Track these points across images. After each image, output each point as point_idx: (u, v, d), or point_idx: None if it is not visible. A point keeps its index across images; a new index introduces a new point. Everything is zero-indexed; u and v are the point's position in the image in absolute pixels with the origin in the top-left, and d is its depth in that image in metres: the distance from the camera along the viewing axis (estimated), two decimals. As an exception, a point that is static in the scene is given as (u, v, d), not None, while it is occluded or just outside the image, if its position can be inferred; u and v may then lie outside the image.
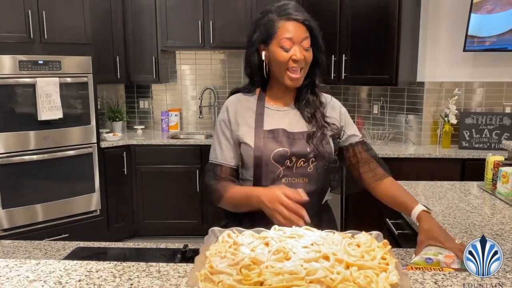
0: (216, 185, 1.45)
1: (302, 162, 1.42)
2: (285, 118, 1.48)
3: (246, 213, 1.47)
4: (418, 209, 1.36)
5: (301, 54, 1.38)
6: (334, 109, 1.55)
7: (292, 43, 1.38)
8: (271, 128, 1.44)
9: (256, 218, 1.45)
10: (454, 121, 3.62)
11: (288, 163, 1.41)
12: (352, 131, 1.56)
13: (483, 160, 2.37)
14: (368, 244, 0.97)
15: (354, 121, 1.69)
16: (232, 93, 1.57)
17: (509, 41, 3.46)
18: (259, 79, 1.49)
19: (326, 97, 1.56)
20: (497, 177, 2.16)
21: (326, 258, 0.91)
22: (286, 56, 1.39)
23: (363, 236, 1.02)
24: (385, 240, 0.99)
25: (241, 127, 1.46)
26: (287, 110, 1.50)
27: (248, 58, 1.48)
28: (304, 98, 1.49)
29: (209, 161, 1.51)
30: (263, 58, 1.44)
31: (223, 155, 1.48)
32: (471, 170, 3.32)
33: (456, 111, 3.63)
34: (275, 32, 1.40)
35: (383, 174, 1.56)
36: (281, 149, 1.40)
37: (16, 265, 1.13)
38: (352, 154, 1.54)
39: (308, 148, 1.42)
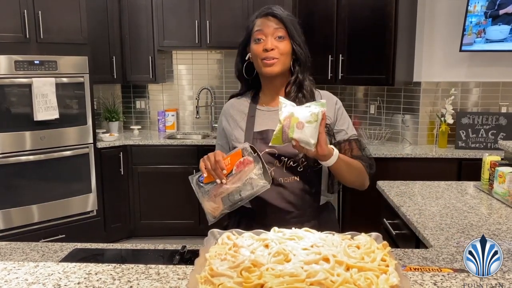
0: None
1: (291, 162, 1.43)
2: (275, 118, 1.44)
3: (244, 213, 1.47)
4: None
5: (272, 44, 1.41)
6: (328, 105, 1.48)
7: (263, 35, 1.42)
8: (261, 129, 1.46)
9: (253, 218, 1.45)
10: (450, 121, 3.63)
11: (278, 163, 1.43)
12: (343, 127, 1.50)
13: (480, 160, 2.38)
14: (368, 245, 0.97)
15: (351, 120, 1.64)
16: (229, 99, 1.61)
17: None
18: (247, 81, 1.54)
19: (322, 94, 1.53)
20: (493, 177, 2.17)
21: (326, 260, 0.91)
22: (259, 47, 1.42)
23: (362, 238, 1.02)
24: (385, 242, 0.99)
25: (234, 131, 1.50)
26: (277, 109, 1.47)
27: (236, 62, 1.55)
28: (291, 96, 1.46)
29: None
30: (246, 58, 1.50)
31: None
32: (467, 170, 3.33)
33: (453, 111, 3.65)
34: (251, 29, 1.46)
35: None
36: (268, 149, 1.41)
37: (14, 267, 1.12)
38: (345, 150, 1.46)
39: None
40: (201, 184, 1.29)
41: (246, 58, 1.50)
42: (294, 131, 1.22)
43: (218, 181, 1.25)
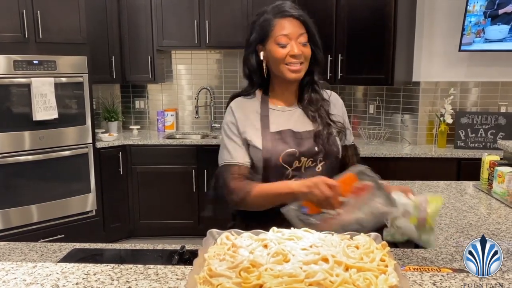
0: (239, 184, 1.40)
1: (310, 162, 1.42)
2: (290, 118, 1.48)
3: (254, 215, 1.45)
4: None
5: (299, 49, 1.40)
6: (336, 105, 1.56)
7: (288, 39, 1.40)
8: (278, 129, 1.44)
9: (266, 222, 1.41)
10: (449, 120, 3.63)
11: (297, 164, 1.41)
12: (348, 132, 1.57)
13: (479, 159, 2.38)
14: (367, 245, 0.97)
15: (350, 121, 1.71)
16: (232, 98, 1.55)
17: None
18: (258, 80, 1.50)
19: (328, 93, 1.57)
20: (493, 176, 2.17)
21: (325, 260, 0.91)
22: (284, 52, 1.40)
23: (361, 238, 1.02)
24: (384, 242, 0.99)
25: (248, 130, 1.45)
26: (292, 110, 1.50)
27: (246, 59, 1.49)
28: (306, 97, 1.49)
29: (222, 163, 1.47)
30: (261, 58, 1.45)
31: (236, 155, 1.45)
32: (466, 170, 3.33)
33: (452, 111, 3.65)
34: (271, 30, 1.41)
35: None
36: (289, 150, 1.40)
37: (12, 268, 1.12)
38: (344, 155, 1.54)
39: (316, 148, 1.42)
40: (305, 217, 1.13)
41: (262, 58, 1.45)
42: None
43: (333, 212, 1.11)
